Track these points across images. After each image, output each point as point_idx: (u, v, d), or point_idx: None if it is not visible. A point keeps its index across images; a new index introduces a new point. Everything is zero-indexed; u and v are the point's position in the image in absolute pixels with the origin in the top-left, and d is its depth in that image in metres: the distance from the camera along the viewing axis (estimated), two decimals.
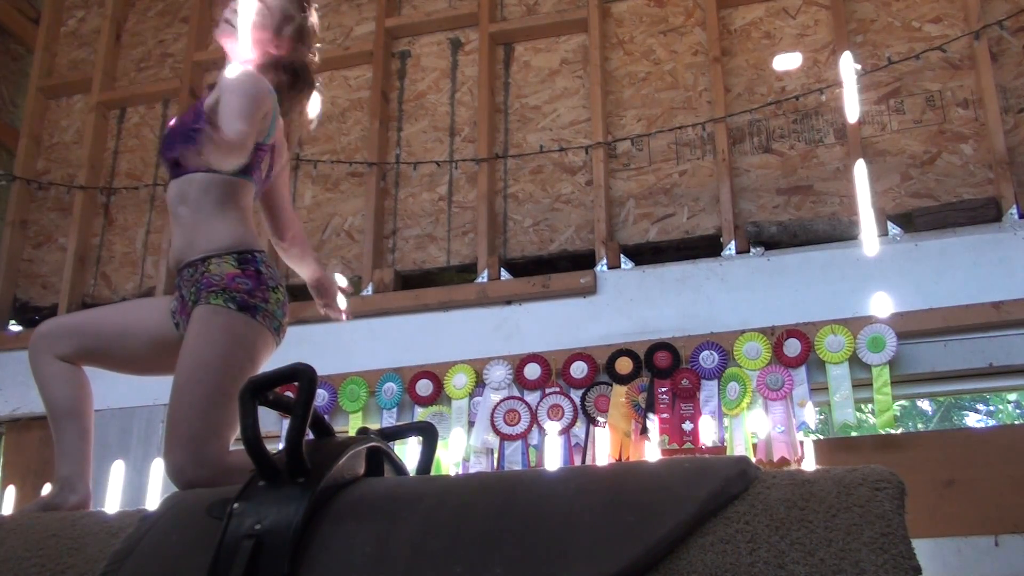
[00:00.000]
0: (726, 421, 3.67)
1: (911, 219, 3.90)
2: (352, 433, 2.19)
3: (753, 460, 1.55)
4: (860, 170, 3.92)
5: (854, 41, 4.20)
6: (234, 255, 2.07)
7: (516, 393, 3.92)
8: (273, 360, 1.75)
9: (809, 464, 3.45)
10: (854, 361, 3.63)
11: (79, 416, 2.13)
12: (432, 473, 2.08)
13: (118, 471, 4.21)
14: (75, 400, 2.13)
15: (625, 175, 4.36)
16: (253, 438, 1.51)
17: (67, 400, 2.13)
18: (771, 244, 4.03)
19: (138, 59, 5.30)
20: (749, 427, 3.63)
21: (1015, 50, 4.01)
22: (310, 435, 1.62)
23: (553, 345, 3.99)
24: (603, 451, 3.72)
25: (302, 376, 1.62)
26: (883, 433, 3.71)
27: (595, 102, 4.41)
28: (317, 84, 2.41)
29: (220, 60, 5.06)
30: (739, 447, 3.58)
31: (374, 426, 3.57)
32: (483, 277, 4.27)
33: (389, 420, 3.95)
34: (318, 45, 2.39)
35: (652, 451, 3.61)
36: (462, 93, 4.69)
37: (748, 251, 4.02)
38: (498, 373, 3.96)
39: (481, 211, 4.39)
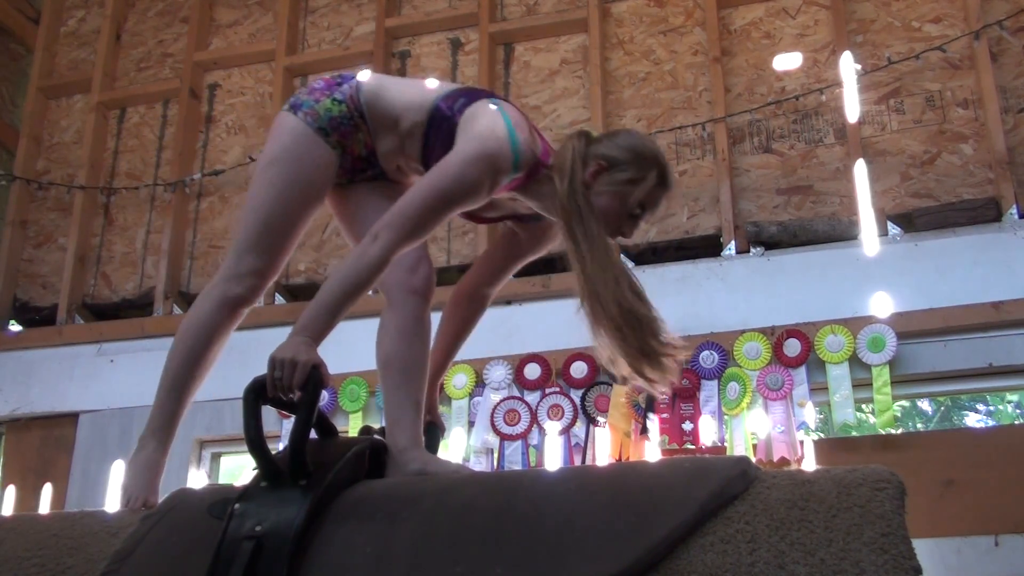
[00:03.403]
0: (726, 421, 3.67)
1: (911, 219, 3.90)
2: (354, 433, 2.19)
3: (753, 460, 1.55)
4: (860, 170, 3.91)
5: (854, 41, 4.20)
6: None
7: (516, 393, 3.92)
8: None
9: (809, 464, 3.45)
10: (854, 361, 3.63)
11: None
12: None
13: (118, 471, 4.20)
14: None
15: None
16: (256, 438, 1.51)
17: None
18: (771, 244, 4.03)
19: (138, 59, 5.30)
20: (749, 427, 3.63)
21: (1015, 50, 4.01)
22: (313, 434, 1.62)
23: (553, 345, 3.98)
24: (603, 451, 3.71)
25: (308, 378, 1.62)
26: (883, 433, 3.71)
27: (595, 102, 4.41)
28: None
29: (220, 59, 5.10)
30: (739, 447, 3.58)
31: (374, 426, 3.57)
32: None
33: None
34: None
35: (652, 451, 3.60)
36: None
37: (748, 251, 4.02)
38: (498, 373, 3.96)
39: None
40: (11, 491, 4.31)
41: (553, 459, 3.70)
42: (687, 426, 3.65)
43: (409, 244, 1.84)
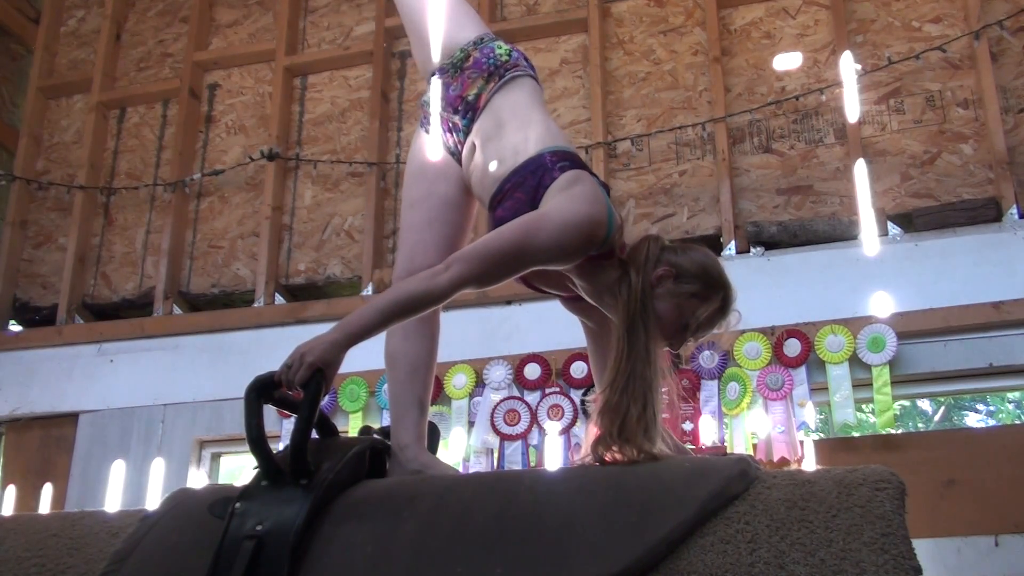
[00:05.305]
0: (726, 421, 3.67)
1: (911, 219, 3.90)
2: (354, 433, 2.18)
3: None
4: (860, 170, 3.91)
5: (854, 41, 4.20)
6: None
7: (516, 393, 3.92)
8: (273, 361, 1.74)
9: (809, 464, 3.45)
10: (854, 361, 3.63)
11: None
12: None
13: (118, 471, 4.21)
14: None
15: (625, 175, 4.35)
16: (257, 437, 1.51)
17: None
18: (771, 244, 4.03)
19: (138, 59, 5.30)
20: (749, 427, 3.63)
21: (1015, 50, 4.01)
22: (314, 434, 1.62)
23: (553, 345, 3.98)
24: None
25: (311, 378, 1.62)
26: (883, 433, 3.71)
27: (595, 102, 4.41)
28: None
29: (220, 59, 5.10)
30: (739, 447, 3.58)
31: (374, 426, 3.57)
32: None
33: (389, 420, 3.94)
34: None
35: None
36: None
37: (748, 251, 4.02)
38: (498, 373, 3.96)
39: (481, 211, 4.38)
40: (11, 491, 4.32)
41: (553, 459, 3.70)
42: (687, 426, 3.65)
43: (478, 285, 1.80)
